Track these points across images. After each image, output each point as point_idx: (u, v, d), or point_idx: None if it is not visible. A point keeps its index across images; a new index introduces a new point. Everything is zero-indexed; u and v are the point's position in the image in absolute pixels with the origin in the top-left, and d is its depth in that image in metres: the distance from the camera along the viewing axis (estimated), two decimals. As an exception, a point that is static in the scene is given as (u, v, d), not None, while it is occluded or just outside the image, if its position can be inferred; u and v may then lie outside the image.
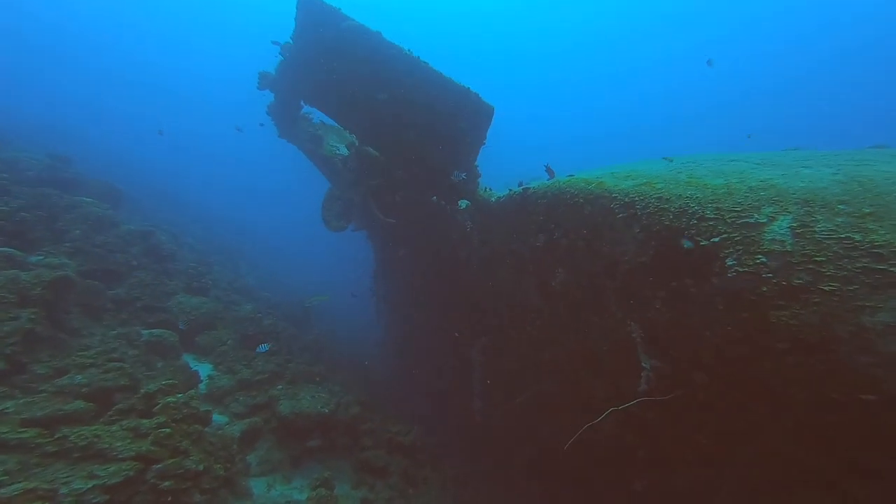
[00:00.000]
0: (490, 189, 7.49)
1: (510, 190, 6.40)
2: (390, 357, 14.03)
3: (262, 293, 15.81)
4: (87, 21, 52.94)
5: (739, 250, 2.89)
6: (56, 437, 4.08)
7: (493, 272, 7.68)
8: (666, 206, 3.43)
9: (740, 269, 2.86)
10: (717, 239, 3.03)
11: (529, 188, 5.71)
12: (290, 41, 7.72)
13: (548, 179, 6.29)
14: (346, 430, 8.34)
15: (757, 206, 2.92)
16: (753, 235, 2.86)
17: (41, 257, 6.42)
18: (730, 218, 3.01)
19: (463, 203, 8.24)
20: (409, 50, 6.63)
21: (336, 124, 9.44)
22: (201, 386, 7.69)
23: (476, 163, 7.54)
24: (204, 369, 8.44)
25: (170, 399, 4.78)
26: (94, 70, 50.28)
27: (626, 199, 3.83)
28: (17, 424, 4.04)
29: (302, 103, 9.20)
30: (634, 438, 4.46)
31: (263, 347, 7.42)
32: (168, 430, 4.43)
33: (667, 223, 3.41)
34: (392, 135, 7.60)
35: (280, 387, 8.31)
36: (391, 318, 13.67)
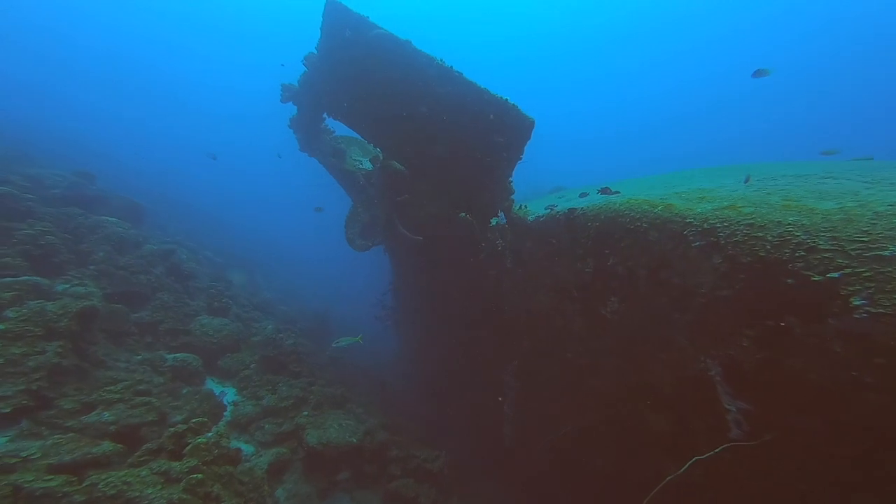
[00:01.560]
0: (526, 207, 7.12)
1: (550, 209, 6.03)
2: (408, 372, 13.68)
3: (279, 307, 15.69)
4: (104, 33, 54.09)
5: (871, 288, 2.48)
6: (84, 484, 3.80)
7: (527, 295, 7.30)
8: (760, 234, 3.03)
9: (873, 310, 2.45)
10: (836, 274, 2.62)
11: (576, 209, 5.33)
12: (315, 51, 7.49)
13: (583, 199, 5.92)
14: (372, 457, 8.01)
15: (892, 237, 2.50)
16: (889, 271, 2.45)
17: (66, 286, 6.24)
18: (853, 250, 2.60)
19: (494, 220, 7.90)
20: (441, 60, 6.33)
21: (359, 137, 9.20)
22: (226, 413, 7.43)
23: (511, 178, 7.20)
24: (228, 394, 8.19)
25: (200, 440, 4.49)
26: (108, 81, 51.32)
27: (705, 226, 3.44)
28: (44, 471, 3.78)
29: (325, 116, 8.98)
30: (713, 483, 4.02)
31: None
32: (199, 475, 4.13)
33: (762, 254, 3.01)
34: (420, 148, 7.30)
35: (305, 413, 8.02)
36: (409, 334, 13.34)
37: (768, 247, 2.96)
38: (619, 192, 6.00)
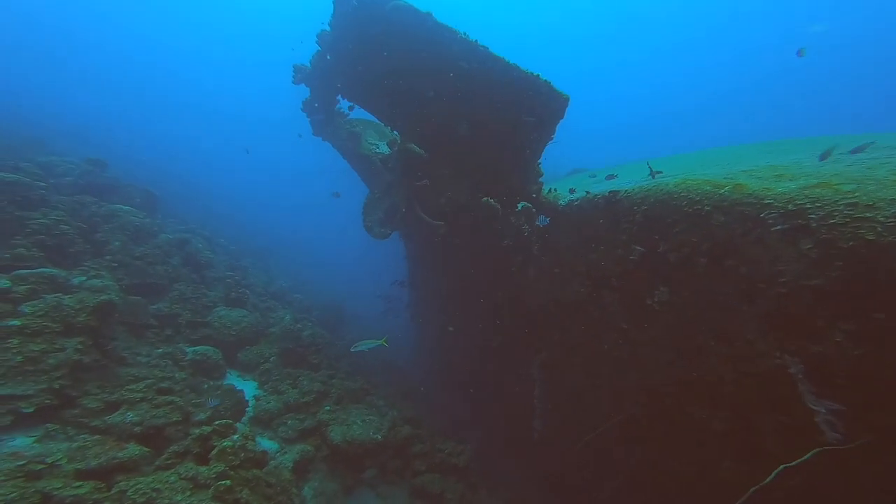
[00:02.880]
0: (556, 190, 6.69)
1: (587, 193, 5.60)
2: (427, 362, 13.50)
3: (294, 296, 15.56)
4: (116, 33, 53.95)
5: None
6: (114, 491, 3.61)
7: (556, 283, 6.93)
8: (867, 214, 2.60)
9: None
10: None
11: (619, 192, 4.90)
12: (328, 28, 7.03)
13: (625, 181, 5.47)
14: (396, 452, 7.85)
15: None
16: None
17: (83, 278, 6.03)
18: None
19: (520, 205, 7.47)
20: (465, 33, 5.84)
21: (375, 120, 8.78)
22: (248, 409, 7.28)
23: (540, 161, 6.75)
24: (248, 388, 8.04)
25: (226, 443, 4.28)
26: (116, 77, 51.20)
27: (790, 207, 3.01)
28: (72, 477, 3.59)
29: (339, 98, 8.56)
30: (801, 490, 3.68)
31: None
32: (227, 481, 3.93)
33: (870, 237, 2.59)
34: (442, 130, 6.86)
35: (327, 407, 7.85)
36: (427, 323, 13.10)
37: (879, 229, 2.54)
38: (661, 172, 5.55)
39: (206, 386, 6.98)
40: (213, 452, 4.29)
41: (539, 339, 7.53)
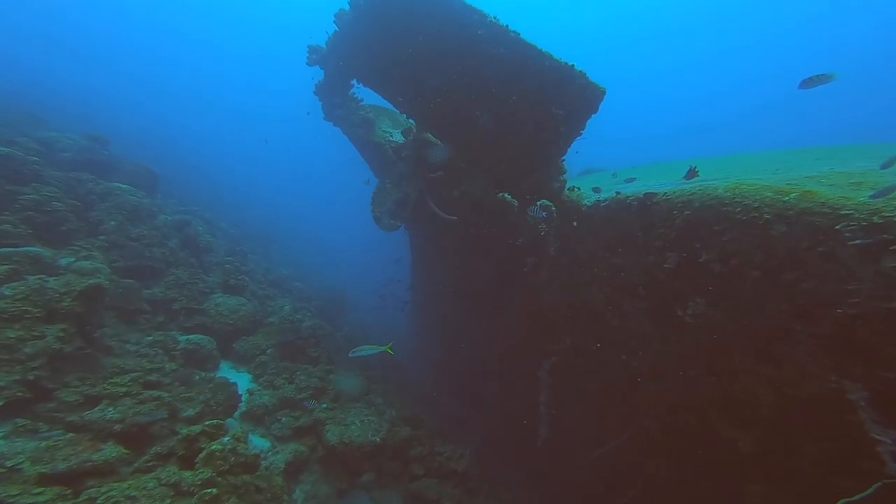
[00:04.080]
0: (579, 189, 6.27)
1: (618, 193, 5.18)
2: (427, 359, 13.16)
3: (294, 284, 15.23)
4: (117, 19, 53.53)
5: None
6: (81, 498, 3.23)
7: (573, 287, 6.54)
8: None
9: None
10: None
11: (656, 194, 4.48)
12: (347, 7, 6.61)
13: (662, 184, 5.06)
14: (394, 454, 7.52)
15: None
16: None
17: (71, 259, 5.64)
18: None
19: (538, 203, 7.06)
20: (494, 17, 5.41)
21: (389, 106, 8.36)
22: (241, 403, 6.92)
23: (564, 157, 6.33)
24: (242, 380, 7.69)
25: (215, 447, 3.90)
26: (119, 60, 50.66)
27: (876, 220, 2.61)
28: (34, 482, 3.21)
29: (353, 82, 8.14)
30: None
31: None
32: (213, 490, 3.55)
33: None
34: (462, 119, 6.45)
35: (325, 405, 7.49)
36: (431, 319, 12.73)
37: None
38: (698, 172, 5.14)
39: (197, 377, 6.63)
40: (201, 456, 3.92)
41: (550, 342, 7.16)
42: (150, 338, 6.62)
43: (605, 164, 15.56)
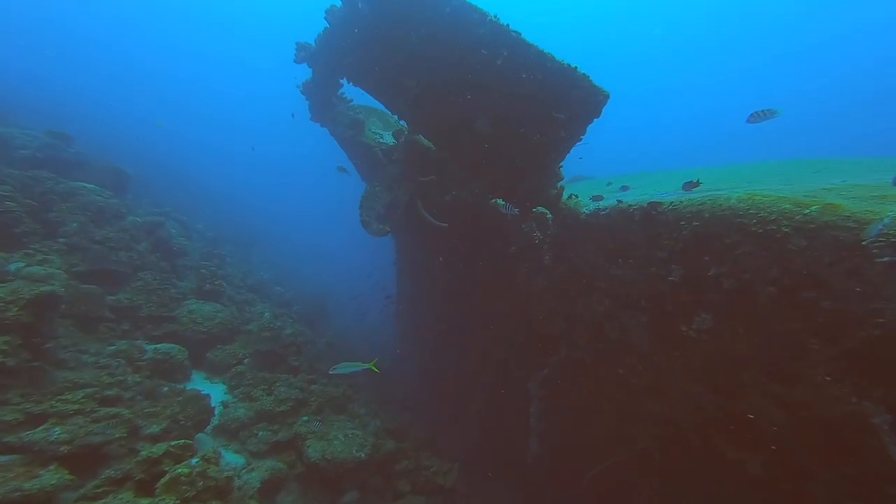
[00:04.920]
0: (576, 197, 6.09)
1: (619, 201, 5.00)
2: (412, 363, 12.78)
3: (275, 289, 14.66)
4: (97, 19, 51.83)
5: None
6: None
7: (569, 298, 6.34)
8: None
9: None
10: None
11: (662, 204, 4.31)
12: (339, 4, 6.31)
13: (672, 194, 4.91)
14: (378, 469, 7.14)
15: None
16: None
17: (21, 264, 5.09)
18: None
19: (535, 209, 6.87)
20: (495, 16, 5.20)
21: (380, 107, 8.07)
22: (213, 418, 6.43)
23: (561, 163, 6.15)
24: (216, 392, 7.18)
25: (181, 470, 3.47)
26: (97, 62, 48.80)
27: (910, 238, 2.45)
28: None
29: (343, 81, 7.82)
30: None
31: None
32: (177, 523, 3.13)
33: None
34: (456, 122, 6.20)
35: (305, 418, 7.06)
36: (417, 325, 12.37)
37: None
38: (699, 184, 5.01)
39: (165, 390, 6.11)
40: (163, 481, 3.48)
41: (542, 354, 6.94)
42: (113, 347, 6.08)
43: (591, 171, 15.57)
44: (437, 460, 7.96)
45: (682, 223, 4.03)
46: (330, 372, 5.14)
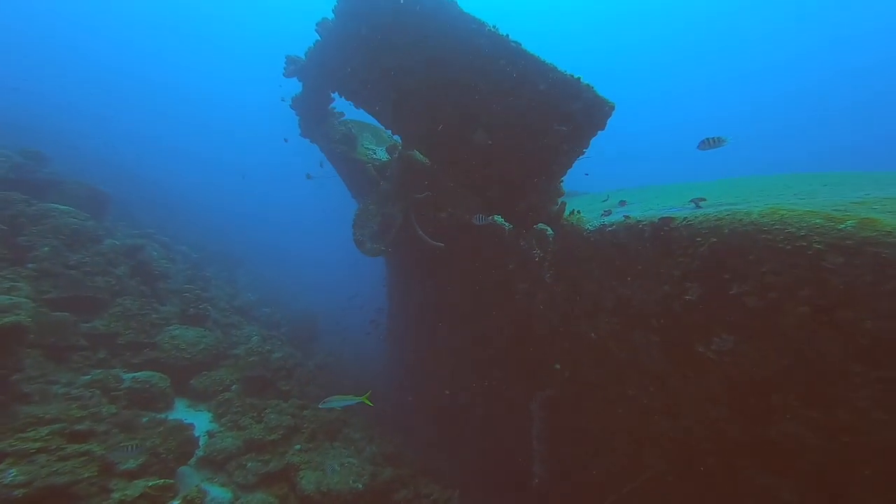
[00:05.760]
0: (579, 213, 5.90)
1: (626, 217, 4.82)
2: (406, 383, 12.34)
3: (262, 310, 14.17)
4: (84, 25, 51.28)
5: None
6: None
7: (572, 316, 6.11)
8: None
9: None
10: None
11: (674, 219, 4.13)
12: (332, 16, 6.14)
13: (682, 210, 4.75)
14: (375, 499, 6.71)
15: None
16: None
17: (-16, 290, 4.66)
18: None
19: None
20: (494, 26, 5.07)
21: (373, 122, 7.87)
22: (198, 449, 5.96)
23: (562, 178, 5.99)
24: (201, 421, 6.70)
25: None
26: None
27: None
28: None
29: (334, 96, 7.63)
30: None
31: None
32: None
33: None
34: (455, 137, 6.02)
35: (298, 447, 6.62)
36: (411, 344, 11.99)
37: None
38: (705, 199, 4.87)
39: (145, 420, 5.65)
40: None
41: (543, 374, 6.67)
42: (87, 377, 5.61)
43: (583, 186, 15.52)
44: (437, 487, 7.56)
45: (698, 239, 3.85)
46: (320, 406, 4.77)
